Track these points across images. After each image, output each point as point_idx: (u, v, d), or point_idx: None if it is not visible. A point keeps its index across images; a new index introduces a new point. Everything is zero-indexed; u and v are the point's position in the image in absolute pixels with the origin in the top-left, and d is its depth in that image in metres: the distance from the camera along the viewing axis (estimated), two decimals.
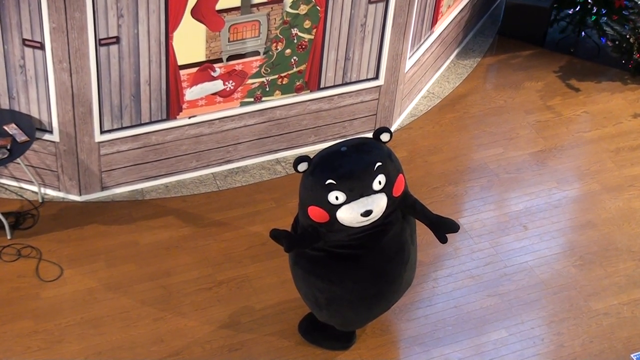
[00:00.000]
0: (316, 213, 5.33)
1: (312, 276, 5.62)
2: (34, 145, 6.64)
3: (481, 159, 7.56)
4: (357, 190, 5.27)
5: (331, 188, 5.25)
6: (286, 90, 7.07)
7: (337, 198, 5.26)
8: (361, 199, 5.29)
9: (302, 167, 5.34)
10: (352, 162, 5.27)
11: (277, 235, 5.43)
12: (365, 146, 5.37)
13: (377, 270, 5.58)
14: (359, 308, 5.72)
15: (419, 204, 5.63)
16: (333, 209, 5.30)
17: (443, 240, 5.61)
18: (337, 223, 5.34)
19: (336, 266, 5.56)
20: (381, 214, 5.39)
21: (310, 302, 5.81)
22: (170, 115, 6.80)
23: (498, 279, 6.63)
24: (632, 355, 6.14)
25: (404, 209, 5.60)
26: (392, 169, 5.38)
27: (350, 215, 5.29)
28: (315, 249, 5.55)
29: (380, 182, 5.30)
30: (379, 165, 5.28)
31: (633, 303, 6.53)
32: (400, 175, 5.46)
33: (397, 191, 5.43)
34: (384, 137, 5.43)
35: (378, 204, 5.32)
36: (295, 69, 6.99)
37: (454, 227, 5.59)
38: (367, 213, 5.28)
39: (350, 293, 5.63)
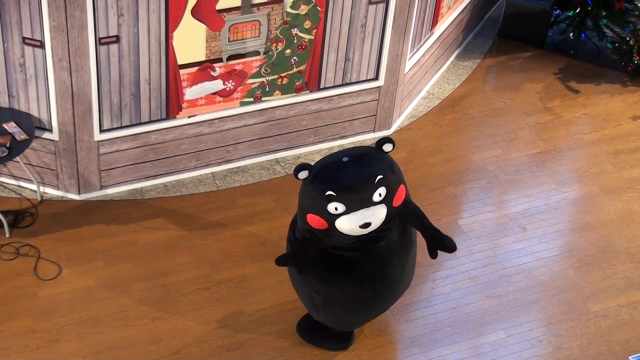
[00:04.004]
0: (315, 221, 5.34)
1: (309, 277, 5.62)
2: (33, 144, 6.63)
3: (480, 160, 7.56)
4: (357, 202, 5.26)
5: (331, 199, 5.25)
6: (286, 90, 7.07)
7: (336, 209, 5.26)
8: (360, 211, 5.28)
9: (303, 175, 5.33)
10: (353, 175, 5.25)
11: (283, 261, 5.50)
12: (366, 157, 5.33)
13: (374, 274, 5.57)
14: (355, 310, 5.72)
15: (419, 212, 5.61)
16: (332, 218, 5.30)
17: (433, 255, 5.60)
18: (336, 230, 5.35)
19: (334, 268, 5.55)
20: (380, 224, 5.39)
21: (307, 302, 5.81)
22: (170, 114, 6.80)
23: (497, 280, 6.63)
24: (630, 357, 6.14)
25: (404, 215, 5.58)
26: (393, 181, 5.34)
27: (348, 225, 5.30)
28: None
29: (380, 195, 5.28)
30: (380, 178, 5.26)
31: (631, 305, 6.53)
32: (402, 186, 5.42)
33: (397, 202, 5.41)
34: (387, 147, 5.38)
35: (377, 216, 5.31)
36: (295, 69, 6.99)
37: (451, 246, 5.56)
38: (365, 225, 5.28)
39: (347, 295, 5.63)
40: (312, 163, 5.46)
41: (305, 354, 6.05)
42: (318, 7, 6.75)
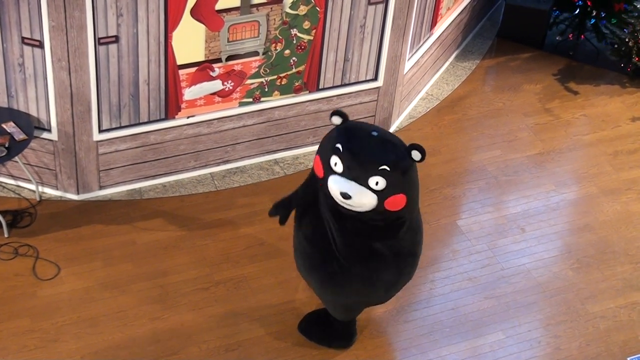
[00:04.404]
0: (317, 165, 5.37)
1: (298, 214, 5.71)
2: (32, 144, 6.63)
3: (479, 161, 7.56)
4: (354, 172, 5.22)
5: (336, 153, 5.24)
6: (285, 90, 7.07)
7: (335, 164, 5.25)
8: (352, 182, 5.22)
9: (335, 120, 5.36)
10: (367, 148, 5.20)
11: (272, 210, 5.71)
12: (391, 145, 5.25)
13: (322, 251, 5.57)
14: (299, 265, 5.84)
15: (392, 235, 5.45)
16: (328, 171, 5.29)
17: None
18: (327, 187, 5.35)
19: (312, 217, 5.56)
20: (360, 209, 5.29)
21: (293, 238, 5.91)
22: (169, 114, 6.80)
23: (495, 281, 6.63)
24: (628, 359, 6.15)
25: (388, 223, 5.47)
26: (396, 183, 5.22)
27: (333, 186, 5.26)
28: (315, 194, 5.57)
29: (377, 183, 5.21)
30: (384, 169, 5.19)
31: (630, 306, 6.53)
32: (402, 195, 5.27)
33: (390, 206, 5.29)
34: (414, 154, 5.21)
35: (361, 197, 5.22)
36: (294, 70, 6.99)
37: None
38: (345, 195, 5.22)
39: (300, 244, 5.71)
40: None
41: (304, 355, 6.05)
42: (317, 8, 6.75)
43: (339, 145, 5.22)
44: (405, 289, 6.40)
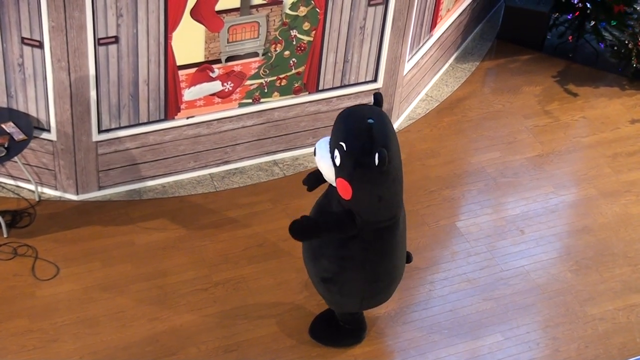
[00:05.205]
0: None
1: None
2: (32, 144, 6.63)
3: (479, 163, 7.57)
4: (331, 138, 5.45)
5: (336, 120, 5.51)
6: (284, 91, 7.07)
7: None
8: (327, 145, 5.47)
9: (372, 99, 5.60)
10: (347, 124, 5.34)
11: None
12: (367, 136, 5.28)
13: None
14: None
15: (324, 215, 5.62)
16: None
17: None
18: None
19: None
20: (325, 176, 5.50)
21: None
22: (169, 115, 6.80)
23: (494, 282, 6.64)
24: None
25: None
26: (346, 167, 5.32)
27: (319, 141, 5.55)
28: None
29: (336, 156, 5.36)
30: (341, 145, 5.30)
31: (628, 308, 6.54)
32: (348, 184, 5.34)
33: (339, 187, 5.41)
34: (376, 156, 5.26)
35: (321, 159, 5.44)
36: (293, 71, 6.99)
37: (290, 228, 5.68)
38: (315, 150, 5.50)
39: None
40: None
41: (303, 356, 6.05)
42: (317, 9, 6.75)
43: (341, 113, 5.47)
44: (404, 290, 6.42)
